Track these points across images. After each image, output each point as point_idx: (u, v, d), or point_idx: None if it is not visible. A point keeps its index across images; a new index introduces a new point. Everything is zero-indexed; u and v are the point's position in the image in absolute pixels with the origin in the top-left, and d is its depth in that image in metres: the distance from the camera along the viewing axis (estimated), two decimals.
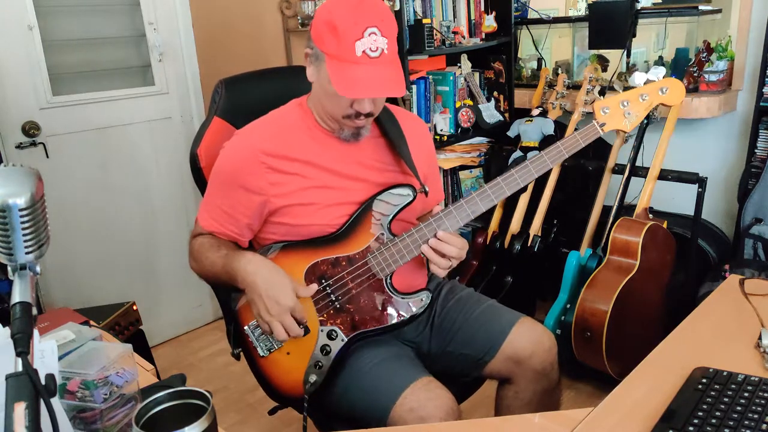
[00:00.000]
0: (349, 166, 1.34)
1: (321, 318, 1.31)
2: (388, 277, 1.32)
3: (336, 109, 1.26)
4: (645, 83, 1.33)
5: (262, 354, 1.32)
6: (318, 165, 1.31)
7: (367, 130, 1.33)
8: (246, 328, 1.33)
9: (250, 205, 1.30)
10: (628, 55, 2.70)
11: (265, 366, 1.34)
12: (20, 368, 0.63)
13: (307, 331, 1.29)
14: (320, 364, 1.30)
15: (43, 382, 0.63)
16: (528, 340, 1.37)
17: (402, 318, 1.32)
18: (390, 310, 1.32)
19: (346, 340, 1.30)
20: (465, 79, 2.79)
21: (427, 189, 1.36)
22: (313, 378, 1.29)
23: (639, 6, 2.54)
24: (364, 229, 1.31)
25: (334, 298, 1.31)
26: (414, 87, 2.50)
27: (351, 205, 1.32)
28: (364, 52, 1.16)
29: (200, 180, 1.45)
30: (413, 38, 2.38)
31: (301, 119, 1.34)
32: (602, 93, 2.53)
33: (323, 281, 1.30)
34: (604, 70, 2.77)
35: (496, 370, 1.40)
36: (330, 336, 1.30)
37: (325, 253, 1.31)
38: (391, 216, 1.32)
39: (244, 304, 1.33)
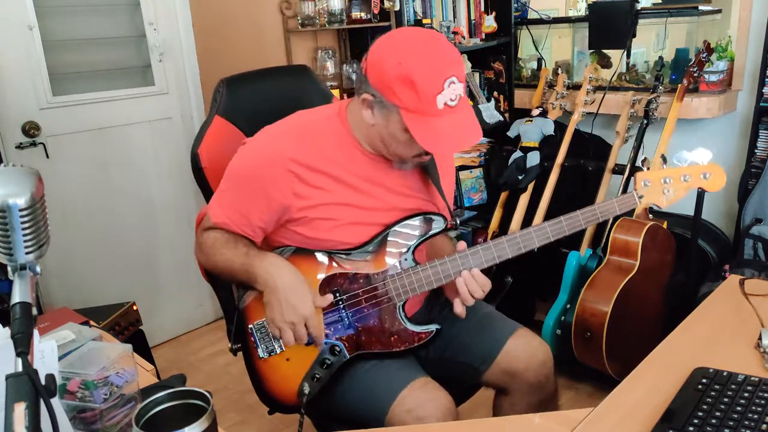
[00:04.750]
0: (377, 188, 1.29)
1: (327, 331, 1.29)
2: (403, 304, 1.29)
3: (406, 153, 1.23)
4: (689, 164, 1.32)
5: (261, 355, 1.31)
6: (345, 182, 1.26)
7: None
8: (251, 326, 1.31)
9: (269, 210, 1.25)
10: (628, 56, 2.70)
11: (262, 368, 1.32)
12: (20, 368, 0.63)
13: (310, 341, 1.28)
14: (317, 376, 1.28)
15: (43, 382, 0.63)
16: (522, 353, 1.36)
17: (407, 346, 1.30)
18: (397, 337, 1.29)
19: (347, 357, 1.29)
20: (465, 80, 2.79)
21: (457, 222, 1.33)
22: (307, 389, 1.28)
23: (639, 6, 2.54)
24: (387, 251, 1.28)
25: (344, 314, 1.28)
26: None
27: (372, 226, 1.29)
28: (445, 103, 1.12)
29: (201, 180, 1.45)
30: None
31: (337, 132, 1.27)
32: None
33: (337, 294, 1.28)
34: (606, 66, 2.76)
35: (491, 381, 1.39)
36: (333, 351, 1.28)
37: (344, 267, 1.28)
38: (417, 243, 1.29)
39: (251, 301, 1.31)
